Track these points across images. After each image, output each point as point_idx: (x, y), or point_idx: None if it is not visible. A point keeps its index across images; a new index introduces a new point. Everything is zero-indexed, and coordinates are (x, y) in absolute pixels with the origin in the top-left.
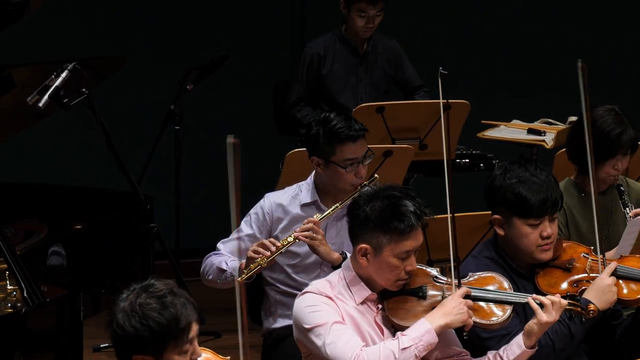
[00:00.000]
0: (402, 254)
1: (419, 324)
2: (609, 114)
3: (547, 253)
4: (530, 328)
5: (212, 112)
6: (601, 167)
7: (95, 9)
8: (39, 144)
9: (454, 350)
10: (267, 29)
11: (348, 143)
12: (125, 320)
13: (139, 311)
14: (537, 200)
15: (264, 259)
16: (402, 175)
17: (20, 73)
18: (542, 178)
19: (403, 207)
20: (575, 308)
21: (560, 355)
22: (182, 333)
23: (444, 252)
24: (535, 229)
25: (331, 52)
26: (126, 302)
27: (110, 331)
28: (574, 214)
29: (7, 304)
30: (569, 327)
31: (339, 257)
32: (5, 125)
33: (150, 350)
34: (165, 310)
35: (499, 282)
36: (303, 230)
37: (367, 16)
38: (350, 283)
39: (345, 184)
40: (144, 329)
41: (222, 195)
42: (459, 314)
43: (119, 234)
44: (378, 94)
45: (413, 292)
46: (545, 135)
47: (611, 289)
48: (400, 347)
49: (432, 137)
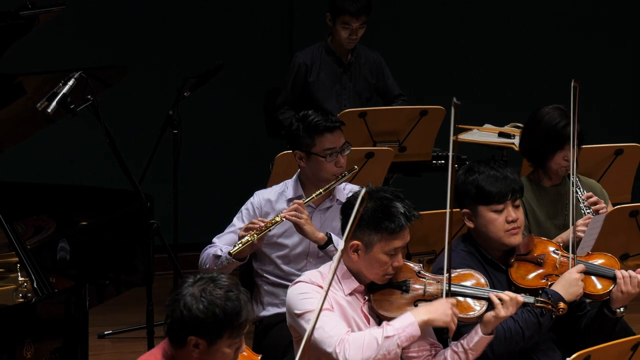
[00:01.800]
0: (390, 251)
1: (404, 316)
2: (555, 111)
3: (516, 237)
4: (488, 319)
5: (208, 117)
6: (552, 158)
7: (100, 23)
8: (48, 147)
9: (429, 341)
10: (258, 41)
11: (326, 134)
12: (193, 302)
13: (207, 297)
14: (496, 188)
15: (254, 235)
16: (383, 175)
17: (31, 81)
18: (500, 171)
19: (394, 208)
20: (547, 305)
21: (529, 341)
22: (240, 326)
23: (422, 246)
24: (500, 214)
25: (318, 61)
26: (194, 288)
27: (174, 310)
28: (532, 206)
29: (19, 294)
30: (537, 316)
31: (323, 236)
32: (17, 129)
33: (207, 334)
34: (231, 302)
35: (476, 278)
36: (289, 210)
37: (350, 28)
38: (341, 275)
39: (327, 173)
40: (209, 314)
41: (216, 194)
42: (443, 315)
43: (122, 230)
44: (360, 101)
45: (397, 286)
46: (514, 138)
47: (578, 283)
48: (384, 335)
49: (411, 140)
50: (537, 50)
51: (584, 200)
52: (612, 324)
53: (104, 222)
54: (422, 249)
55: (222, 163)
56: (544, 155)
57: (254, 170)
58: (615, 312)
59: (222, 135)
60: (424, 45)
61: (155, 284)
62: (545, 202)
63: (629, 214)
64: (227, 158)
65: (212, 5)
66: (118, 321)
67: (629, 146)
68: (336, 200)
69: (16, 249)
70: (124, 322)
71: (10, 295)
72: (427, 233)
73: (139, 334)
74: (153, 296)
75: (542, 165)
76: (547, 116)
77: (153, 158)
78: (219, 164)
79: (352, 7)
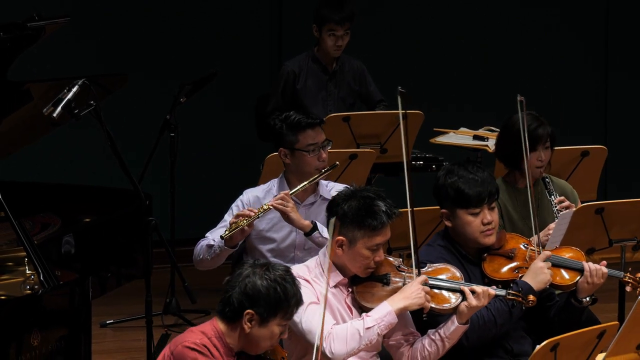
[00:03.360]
0: (373, 247)
1: (381, 306)
2: (528, 115)
3: (490, 238)
4: (462, 309)
5: (203, 121)
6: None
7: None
8: (50, 148)
9: (408, 330)
10: (249, 50)
11: (308, 130)
12: (257, 279)
13: (271, 275)
14: (474, 192)
15: (244, 220)
16: (365, 175)
17: (37, 88)
18: (479, 175)
19: (376, 207)
20: (517, 298)
21: (501, 329)
22: (293, 308)
23: (402, 241)
24: (477, 217)
25: (305, 70)
26: (257, 268)
27: (235, 286)
28: (507, 206)
29: (27, 286)
30: (508, 305)
31: (309, 224)
32: (25, 133)
33: (264, 310)
34: (290, 284)
35: (452, 272)
36: (276, 199)
37: (336, 35)
38: (326, 269)
39: (311, 167)
40: (272, 290)
41: (210, 192)
42: (416, 298)
43: (122, 226)
44: (345, 106)
45: (379, 279)
46: (488, 140)
47: (543, 271)
48: (365, 327)
49: (391, 143)
50: (508, 59)
51: (557, 204)
52: (579, 313)
53: (106, 219)
54: (402, 244)
55: (215, 164)
56: (518, 157)
57: (245, 170)
58: (582, 301)
59: (215, 138)
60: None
61: (154, 277)
62: (519, 203)
63: (594, 211)
64: (221, 159)
65: (207, 18)
66: (119, 311)
67: (595, 148)
68: (320, 197)
69: (24, 244)
70: (124, 312)
71: (18, 287)
72: (406, 229)
73: (139, 323)
74: (151, 288)
75: (517, 166)
76: (520, 121)
77: (151, 159)
78: (212, 164)
79: (336, 15)
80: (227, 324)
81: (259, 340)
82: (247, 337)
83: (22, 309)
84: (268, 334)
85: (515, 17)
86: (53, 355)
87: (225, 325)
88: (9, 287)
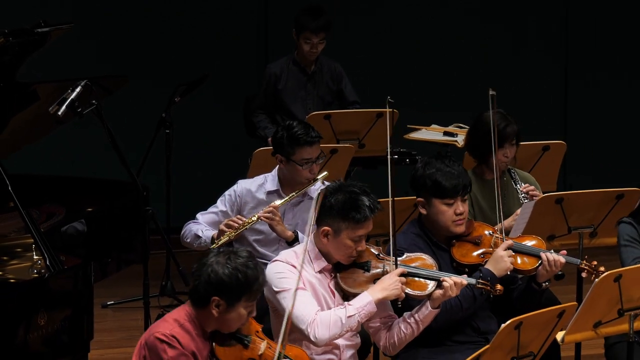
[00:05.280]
0: (355, 238)
1: (362, 296)
2: (496, 114)
3: (461, 227)
4: (436, 296)
5: (195, 119)
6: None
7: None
8: (58, 144)
9: (386, 314)
10: (238, 54)
11: (305, 147)
12: (219, 268)
13: (233, 264)
14: (450, 184)
15: (232, 232)
16: (345, 168)
17: (43, 89)
18: (455, 168)
19: (360, 201)
20: (486, 287)
21: (467, 312)
22: (256, 291)
23: (379, 229)
24: (450, 207)
25: (286, 71)
26: (220, 257)
27: (201, 275)
28: (477, 196)
29: (34, 271)
30: (473, 291)
31: (291, 234)
32: (32, 130)
33: (228, 296)
34: (251, 270)
35: (426, 261)
36: (265, 212)
37: (311, 43)
38: (313, 256)
39: (302, 178)
40: (234, 277)
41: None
42: (394, 290)
43: (122, 216)
44: (323, 104)
45: (360, 266)
46: (457, 136)
47: (504, 260)
48: (347, 315)
49: (369, 139)
50: (475, 60)
51: (522, 191)
52: (538, 295)
53: (107, 209)
54: (379, 231)
55: (207, 158)
56: (486, 152)
57: (234, 163)
58: (541, 285)
59: (207, 134)
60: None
61: (151, 262)
62: (487, 193)
63: (555, 201)
64: (212, 153)
65: (200, 25)
66: (119, 293)
67: (555, 143)
68: (306, 196)
69: (31, 231)
70: (123, 294)
71: (26, 272)
72: (382, 218)
73: (137, 304)
74: (149, 272)
75: (484, 160)
76: (489, 119)
77: (148, 154)
78: (205, 158)
79: (312, 25)
80: (197, 309)
81: (228, 322)
82: (217, 320)
83: (30, 292)
84: (236, 316)
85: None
86: (58, 333)
87: (196, 310)
88: (18, 271)
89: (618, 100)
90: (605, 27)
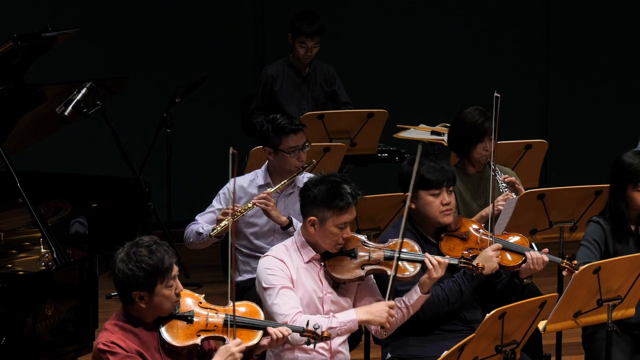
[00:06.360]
0: (341, 225)
1: (348, 312)
2: (475, 110)
3: (448, 217)
4: (423, 281)
5: (195, 119)
6: (474, 149)
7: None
8: (65, 143)
9: (375, 298)
10: (236, 57)
11: (291, 135)
12: (123, 266)
13: (133, 258)
14: (434, 176)
15: (230, 219)
16: (337, 166)
17: (50, 90)
18: (439, 163)
19: (342, 189)
20: (468, 265)
21: (453, 306)
22: (167, 271)
23: (369, 224)
24: (437, 197)
25: (281, 74)
26: (122, 254)
27: (113, 277)
28: (460, 189)
29: (42, 263)
30: (459, 285)
31: (286, 219)
32: (38, 130)
33: (144, 286)
34: (153, 255)
35: (411, 245)
36: (259, 198)
37: (306, 47)
38: (300, 246)
39: (291, 166)
40: (138, 270)
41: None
42: (379, 317)
43: (125, 211)
44: (317, 105)
45: (347, 253)
46: (444, 135)
47: (492, 260)
48: (329, 325)
49: (360, 137)
50: (461, 62)
51: (502, 182)
52: (520, 290)
53: (111, 204)
54: (370, 225)
55: (206, 156)
56: (467, 147)
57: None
58: (523, 281)
59: (206, 134)
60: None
61: None
62: (469, 186)
63: (537, 196)
64: (210, 152)
65: (200, 29)
66: None
67: (537, 142)
68: (297, 187)
69: (39, 225)
70: None
71: (35, 264)
72: (373, 213)
73: None
74: None
75: (466, 155)
76: (469, 115)
77: (150, 152)
78: (204, 156)
79: (307, 29)
80: (129, 307)
81: (159, 307)
82: (149, 309)
83: (38, 283)
84: (163, 299)
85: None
86: (65, 323)
87: (129, 308)
88: (26, 264)
89: (596, 102)
90: (587, 29)
